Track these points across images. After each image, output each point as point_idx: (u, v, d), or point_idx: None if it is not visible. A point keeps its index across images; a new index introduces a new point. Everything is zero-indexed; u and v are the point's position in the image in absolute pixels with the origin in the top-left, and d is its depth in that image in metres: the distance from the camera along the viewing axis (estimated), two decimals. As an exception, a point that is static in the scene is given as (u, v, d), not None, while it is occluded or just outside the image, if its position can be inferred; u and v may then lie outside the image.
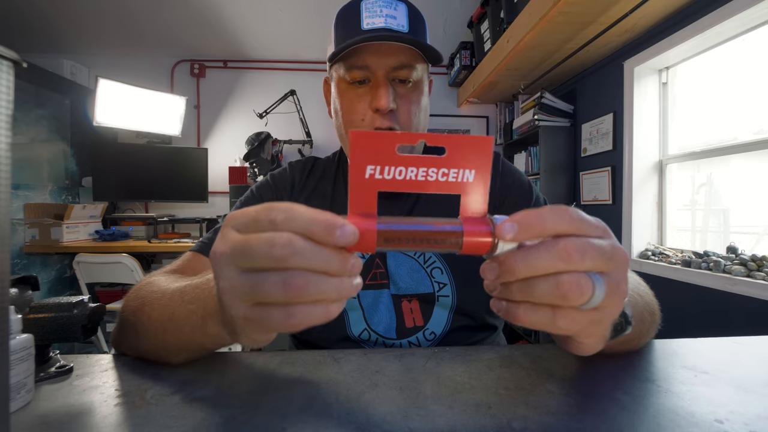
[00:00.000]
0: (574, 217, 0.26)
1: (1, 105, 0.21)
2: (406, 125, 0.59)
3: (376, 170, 0.26)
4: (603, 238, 0.26)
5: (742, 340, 0.49)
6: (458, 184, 0.27)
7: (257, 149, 2.53)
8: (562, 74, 2.26)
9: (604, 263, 0.25)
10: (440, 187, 0.27)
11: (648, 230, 1.87)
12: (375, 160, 0.26)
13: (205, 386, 0.37)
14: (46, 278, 2.33)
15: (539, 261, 0.25)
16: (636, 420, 0.31)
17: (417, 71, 0.58)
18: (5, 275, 0.22)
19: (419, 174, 0.26)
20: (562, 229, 0.25)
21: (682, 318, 1.54)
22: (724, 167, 1.59)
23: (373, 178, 0.26)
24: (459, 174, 0.27)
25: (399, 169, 0.26)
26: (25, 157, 2.28)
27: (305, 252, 0.23)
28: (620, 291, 0.27)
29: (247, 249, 0.24)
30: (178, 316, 0.37)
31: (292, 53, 2.87)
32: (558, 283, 0.24)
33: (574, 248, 0.24)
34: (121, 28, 2.58)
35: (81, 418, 0.31)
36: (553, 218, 0.25)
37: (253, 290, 0.24)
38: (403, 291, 0.60)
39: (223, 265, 0.25)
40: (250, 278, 0.24)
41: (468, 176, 0.27)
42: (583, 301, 0.25)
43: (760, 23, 1.38)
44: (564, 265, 0.24)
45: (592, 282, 0.25)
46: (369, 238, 0.25)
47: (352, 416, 0.31)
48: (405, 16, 0.57)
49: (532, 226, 0.25)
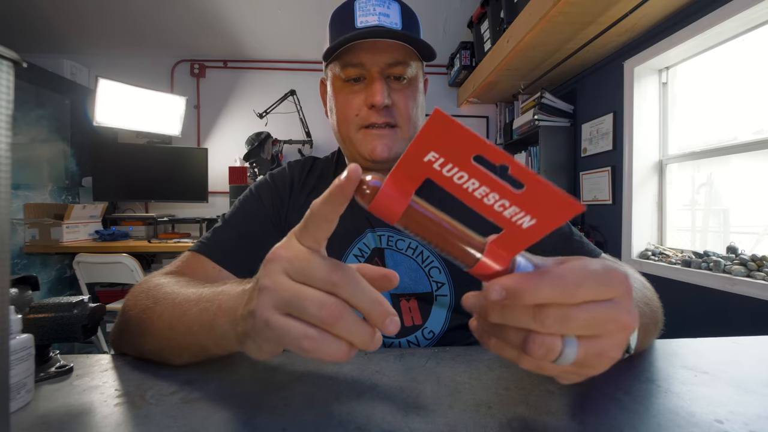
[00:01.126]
0: (581, 284, 0.24)
1: (1, 105, 0.21)
2: (404, 121, 0.59)
3: (438, 160, 0.22)
4: (613, 301, 0.24)
5: (742, 340, 0.49)
6: (509, 222, 0.23)
7: (257, 149, 2.53)
8: (562, 74, 2.26)
9: (587, 331, 0.24)
10: (489, 213, 0.23)
11: (648, 230, 1.87)
12: (445, 152, 0.22)
13: (205, 386, 0.37)
14: (46, 278, 2.33)
15: (513, 316, 0.24)
16: (636, 420, 0.31)
17: (411, 68, 0.58)
18: (5, 275, 0.22)
19: (479, 190, 0.23)
20: (561, 299, 0.23)
21: (682, 318, 1.54)
22: (724, 167, 1.59)
23: (431, 166, 0.22)
24: (517, 215, 0.23)
25: (462, 173, 0.22)
26: (25, 157, 2.28)
27: (350, 324, 0.25)
28: (606, 356, 0.25)
29: (296, 302, 0.25)
30: (189, 315, 0.37)
31: (292, 53, 2.87)
32: (525, 340, 0.24)
33: (553, 316, 0.23)
34: (121, 28, 2.58)
35: (81, 418, 0.31)
36: (552, 289, 0.23)
37: (294, 298, 0.25)
38: (401, 290, 0.60)
39: (265, 303, 0.26)
40: (297, 287, 0.25)
41: (524, 222, 0.23)
42: (549, 360, 0.24)
43: (760, 23, 1.37)
44: (536, 327, 0.24)
45: (563, 345, 0.24)
46: (397, 206, 0.23)
47: (352, 416, 0.31)
48: (398, 14, 0.57)
49: (521, 299, 0.23)
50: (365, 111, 0.58)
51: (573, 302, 0.24)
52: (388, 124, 0.58)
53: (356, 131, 0.59)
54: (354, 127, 0.59)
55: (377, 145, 0.58)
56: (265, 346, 0.27)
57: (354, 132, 0.60)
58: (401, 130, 0.59)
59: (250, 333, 0.28)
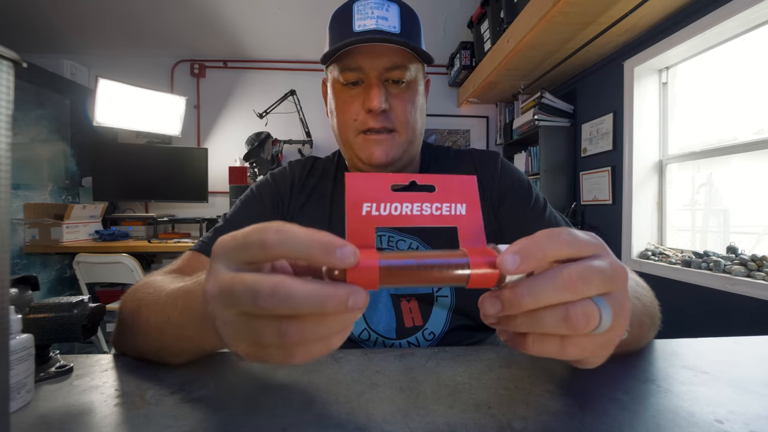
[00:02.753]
0: (571, 239, 0.25)
1: (1, 105, 0.21)
2: (402, 125, 0.59)
3: (372, 207, 0.27)
4: (602, 257, 0.26)
5: (742, 340, 0.49)
6: (452, 217, 0.28)
7: (257, 149, 2.53)
8: (562, 74, 2.26)
9: (606, 285, 0.25)
10: (436, 221, 0.28)
11: (648, 230, 1.87)
12: (370, 198, 0.27)
13: (205, 386, 0.37)
14: (46, 278, 2.33)
15: (545, 293, 0.24)
16: (636, 420, 0.31)
17: (410, 71, 0.58)
18: (5, 275, 0.22)
19: (414, 209, 0.28)
20: (561, 254, 0.25)
21: (682, 318, 1.54)
22: (724, 167, 1.59)
23: (370, 215, 0.27)
24: (452, 208, 0.28)
25: (394, 205, 0.28)
26: (25, 157, 2.28)
27: (294, 299, 0.21)
28: (624, 310, 0.27)
29: (231, 295, 0.23)
30: (175, 322, 0.35)
31: (292, 53, 2.87)
32: (566, 314, 0.24)
33: (577, 276, 0.24)
34: (121, 28, 2.58)
35: (81, 418, 0.31)
36: (552, 244, 0.25)
37: (249, 335, 0.23)
38: (402, 290, 0.60)
39: (216, 306, 0.24)
40: (245, 324, 0.23)
41: (460, 209, 0.29)
42: (591, 328, 0.25)
43: (760, 23, 1.38)
44: (570, 295, 0.24)
45: (599, 308, 0.25)
46: (371, 275, 0.23)
47: (352, 416, 0.31)
48: (397, 16, 0.57)
49: (533, 255, 0.24)
50: (363, 115, 0.58)
51: (582, 255, 0.25)
52: (385, 128, 0.58)
53: (355, 136, 0.60)
54: (353, 132, 0.60)
55: (375, 150, 0.58)
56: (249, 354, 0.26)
57: (353, 136, 0.60)
58: (399, 134, 0.59)
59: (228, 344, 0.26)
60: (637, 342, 0.44)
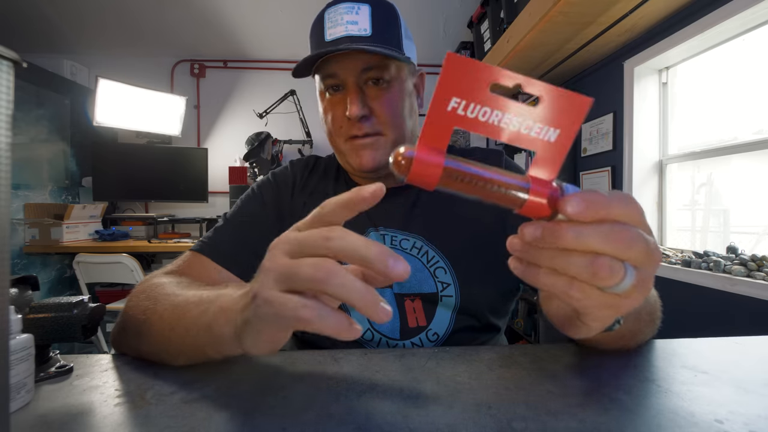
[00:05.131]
0: (636, 210, 0.25)
1: (1, 105, 0.21)
2: (387, 127, 0.58)
3: (461, 105, 0.23)
4: (651, 237, 0.26)
5: (742, 340, 0.49)
6: (537, 141, 0.25)
7: (257, 149, 2.53)
8: (562, 74, 2.26)
9: (643, 258, 0.25)
10: (519, 140, 0.24)
11: (648, 230, 1.87)
12: (464, 92, 0.23)
13: (205, 386, 0.37)
14: (46, 278, 2.33)
15: (590, 238, 0.24)
16: (636, 420, 0.31)
17: (390, 70, 0.57)
18: (5, 275, 0.22)
19: (503, 120, 0.24)
20: (622, 218, 0.25)
21: (682, 318, 1.54)
22: (724, 167, 1.59)
23: (455, 113, 0.24)
24: (542, 131, 0.24)
25: (485, 109, 0.24)
26: (25, 157, 2.28)
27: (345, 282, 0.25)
28: (647, 287, 0.27)
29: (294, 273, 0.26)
30: (189, 316, 0.37)
31: (292, 53, 2.87)
32: (594, 260, 0.24)
33: (628, 237, 0.24)
34: (121, 28, 2.58)
35: (81, 418, 0.31)
36: (620, 206, 0.25)
37: (290, 270, 0.26)
38: (405, 289, 0.59)
39: (274, 255, 0.27)
40: (293, 261, 0.26)
41: (551, 135, 0.24)
42: (608, 284, 0.25)
43: (760, 23, 1.37)
44: (610, 249, 0.24)
45: (625, 270, 0.24)
46: (433, 172, 0.23)
47: (352, 416, 0.31)
48: (368, 17, 0.56)
49: (598, 209, 0.24)
50: (347, 123, 0.58)
51: (637, 225, 0.25)
52: (367, 134, 0.58)
53: (344, 142, 0.60)
54: (341, 139, 0.60)
55: (362, 155, 0.59)
56: (264, 331, 0.28)
57: (342, 143, 0.60)
58: (385, 136, 0.59)
59: (250, 319, 0.28)
60: (633, 336, 0.44)
